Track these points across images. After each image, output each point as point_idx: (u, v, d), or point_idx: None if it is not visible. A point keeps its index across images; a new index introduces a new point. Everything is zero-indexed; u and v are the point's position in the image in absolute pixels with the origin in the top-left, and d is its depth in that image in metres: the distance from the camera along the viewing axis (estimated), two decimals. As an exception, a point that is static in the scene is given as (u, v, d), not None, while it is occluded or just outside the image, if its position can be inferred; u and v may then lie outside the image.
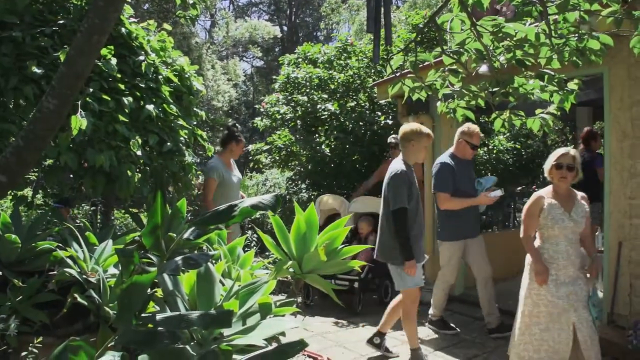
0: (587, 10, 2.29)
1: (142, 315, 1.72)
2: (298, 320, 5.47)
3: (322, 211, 6.63)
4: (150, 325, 1.68)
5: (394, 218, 4.17)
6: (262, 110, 8.67)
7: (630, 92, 4.54)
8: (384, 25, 2.52)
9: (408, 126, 4.32)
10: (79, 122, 3.32)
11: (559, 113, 2.90)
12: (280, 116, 8.05)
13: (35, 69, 3.45)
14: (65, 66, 2.23)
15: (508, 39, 2.38)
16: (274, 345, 1.97)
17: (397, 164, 4.33)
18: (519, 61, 2.44)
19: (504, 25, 2.33)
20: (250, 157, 9.59)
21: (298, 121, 7.98)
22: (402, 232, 4.14)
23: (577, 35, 2.46)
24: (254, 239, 7.47)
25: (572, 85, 2.69)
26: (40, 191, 4.67)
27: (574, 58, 2.48)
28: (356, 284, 5.95)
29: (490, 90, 2.60)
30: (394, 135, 6.75)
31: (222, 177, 5.40)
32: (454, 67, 2.63)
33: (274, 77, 8.98)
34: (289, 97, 8.06)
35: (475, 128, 4.98)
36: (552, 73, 2.61)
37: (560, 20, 2.38)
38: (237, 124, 6.05)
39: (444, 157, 5.09)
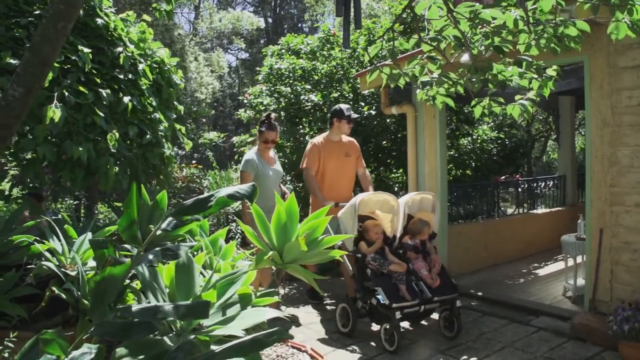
0: (564, -3, 2.30)
1: (119, 306, 1.71)
2: (280, 311, 5.49)
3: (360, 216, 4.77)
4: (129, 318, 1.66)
5: None
6: (245, 101, 8.61)
7: (610, 79, 4.57)
8: (354, 8, 2.50)
9: None
10: (53, 112, 3.27)
11: (538, 99, 2.91)
12: (263, 107, 8.00)
13: (10, 60, 3.39)
14: (30, 53, 2.18)
15: (485, 25, 2.39)
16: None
17: None
18: (496, 48, 2.45)
19: (480, 11, 2.33)
20: (235, 150, 9.54)
21: (282, 112, 7.94)
22: None
23: (554, 22, 2.46)
24: (239, 230, 7.42)
25: (551, 71, 2.70)
26: (20, 185, 4.61)
27: (552, 44, 2.49)
28: (459, 302, 4.72)
29: (470, 77, 2.60)
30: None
31: (257, 169, 5.15)
32: (433, 54, 2.63)
33: (258, 68, 8.92)
34: (272, 89, 8.01)
35: None
36: (530, 59, 2.61)
37: (538, 7, 2.39)
38: (271, 115, 5.35)
39: None
